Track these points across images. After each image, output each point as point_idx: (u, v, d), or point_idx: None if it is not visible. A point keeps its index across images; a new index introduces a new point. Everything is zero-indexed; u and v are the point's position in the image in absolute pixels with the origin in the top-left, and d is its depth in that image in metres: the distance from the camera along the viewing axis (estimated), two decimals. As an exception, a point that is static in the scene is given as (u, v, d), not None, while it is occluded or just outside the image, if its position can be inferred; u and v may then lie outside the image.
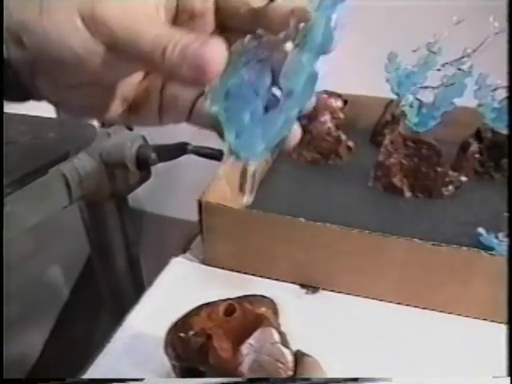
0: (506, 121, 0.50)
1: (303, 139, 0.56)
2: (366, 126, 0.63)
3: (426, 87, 0.46)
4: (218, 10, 0.21)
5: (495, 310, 0.31)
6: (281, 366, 0.21)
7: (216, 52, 0.18)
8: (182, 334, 0.23)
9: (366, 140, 0.62)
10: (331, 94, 0.61)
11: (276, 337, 0.22)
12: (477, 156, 0.53)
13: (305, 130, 0.58)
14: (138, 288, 0.70)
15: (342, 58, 0.74)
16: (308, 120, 0.56)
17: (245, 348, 0.21)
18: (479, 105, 0.50)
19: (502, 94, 0.49)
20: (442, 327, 0.33)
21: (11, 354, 0.75)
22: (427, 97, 0.47)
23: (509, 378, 0.27)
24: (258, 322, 0.22)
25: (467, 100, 0.49)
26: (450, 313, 0.33)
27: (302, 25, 0.19)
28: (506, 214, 0.43)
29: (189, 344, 0.22)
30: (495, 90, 0.49)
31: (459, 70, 0.43)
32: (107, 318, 0.76)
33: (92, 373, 0.28)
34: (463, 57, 0.43)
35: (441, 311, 0.34)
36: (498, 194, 0.49)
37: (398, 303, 0.34)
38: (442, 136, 0.50)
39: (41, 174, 0.49)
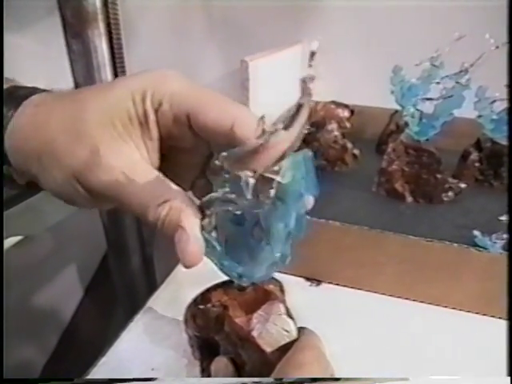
0: (505, 131, 0.53)
1: (311, 147, 0.59)
2: (371, 136, 0.66)
3: (427, 99, 0.49)
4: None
5: (483, 303, 0.34)
6: (285, 333, 0.24)
7: (189, 255, 0.21)
8: (201, 306, 0.26)
9: (371, 148, 0.65)
10: (339, 105, 0.64)
11: (282, 309, 0.25)
12: (477, 164, 0.55)
13: (313, 138, 0.62)
14: (150, 286, 0.74)
15: (351, 72, 0.78)
16: (316, 128, 0.59)
17: (255, 317, 0.24)
18: (479, 116, 0.53)
19: (500, 106, 0.52)
20: (434, 319, 0.35)
21: (25, 349, 0.78)
22: (428, 108, 0.50)
23: (509, 378, 0.28)
24: (266, 296, 0.26)
25: (468, 111, 0.51)
26: (442, 305, 0.36)
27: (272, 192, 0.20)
28: (501, 218, 0.46)
29: (207, 314, 0.26)
30: (494, 102, 0.52)
31: (457, 83, 0.46)
32: (121, 314, 0.79)
33: (117, 347, 0.31)
34: (461, 71, 0.45)
35: (434, 304, 0.36)
36: (496, 200, 0.51)
37: (395, 296, 0.37)
38: (445, 145, 0.52)
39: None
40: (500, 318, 0.35)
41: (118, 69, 0.56)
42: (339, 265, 0.37)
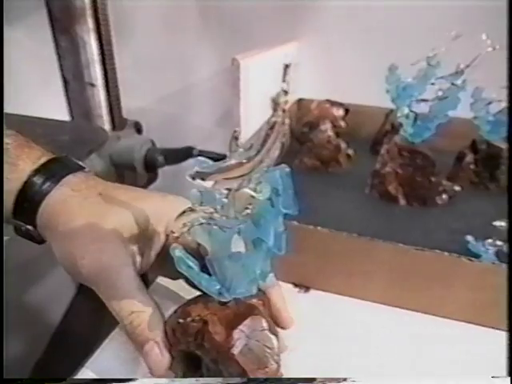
0: (501, 133, 0.52)
1: (304, 147, 0.58)
2: (366, 135, 0.65)
3: (422, 100, 0.48)
4: None
5: (475, 313, 0.33)
6: (268, 350, 0.24)
7: (156, 367, 0.25)
8: (181, 320, 0.25)
9: (366, 149, 0.64)
10: (334, 103, 0.63)
11: (265, 324, 0.24)
12: (472, 167, 0.54)
13: (306, 137, 0.61)
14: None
15: (346, 70, 0.77)
16: (309, 128, 0.58)
17: (236, 333, 0.23)
18: (475, 117, 0.52)
19: (497, 107, 0.51)
20: (424, 328, 0.35)
21: (16, 348, 0.78)
22: (423, 109, 0.49)
23: (509, 378, 0.28)
24: (249, 311, 0.24)
25: (464, 111, 0.50)
26: (432, 314, 0.35)
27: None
28: (495, 224, 0.45)
29: (187, 329, 0.25)
30: (490, 103, 0.51)
31: (453, 84, 0.45)
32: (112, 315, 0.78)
33: (98, 356, 0.31)
34: (457, 72, 0.44)
35: (424, 313, 0.35)
36: (490, 204, 0.51)
37: (385, 304, 0.36)
38: (440, 146, 0.51)
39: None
40: (492, 327, 0.34)
41: (107, 65, 0.55)
42: (328, 271, 0.37)
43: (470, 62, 0.44)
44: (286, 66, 0.19)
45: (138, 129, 0.68)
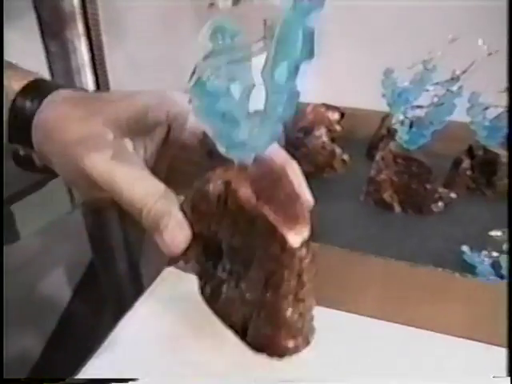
0: (498, 139, 0.51)
1: (299, 152, 0.57)
2: (363, 139, 0.64)
3: (417, 106, 0.47)
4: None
5: (470, 327, 0.32)
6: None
7: (176, 240, 0.23)
8: (201, 190, 0.23)
9: (362, 153, 0.63)
10: (329, 107, 0.62)
11: (290, 185, 0.22)
12: (468, 173, 0.53)
13: (300, 143, 0.60)
14: (138, 292, 0.72)
15: (342, 73, 0.76)
16: (304, 134, 0.57)
17: (262, 190, 0.21)
18: (471, 122, 0.52)
19: (494, 112, 0.50)
20: (419, 343, 0.34)
21: (12, 353, 0.77)
22: (419, 114, 0.48)
23: (509, 378, 0.27)
24: (271, 174, 0.22)
25: (461, 116, 0.50)
26: (427, 329, 0.34)
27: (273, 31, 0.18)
28: (491, 234, 0.44)
29: (208, 198, 0.22)
30: (487, 108, 0.50)
31: (448, 90, 0.44)
32: (109, 317, 0.77)
33: (100, 354, 0.30)
34: (453, 78, 0.44)
35: (417, 327, 0.35)
36: (487, 211, 0.50)
37: (379, 318, 0.35)
38: (437, 150, 0.51)
39: (45, 182, 0.51)
40: (487, 342, 0.34)
41: (98, 71, 0.54)
42: (320, 285, 0.36)
43: (465, 68, 0.43)
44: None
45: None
